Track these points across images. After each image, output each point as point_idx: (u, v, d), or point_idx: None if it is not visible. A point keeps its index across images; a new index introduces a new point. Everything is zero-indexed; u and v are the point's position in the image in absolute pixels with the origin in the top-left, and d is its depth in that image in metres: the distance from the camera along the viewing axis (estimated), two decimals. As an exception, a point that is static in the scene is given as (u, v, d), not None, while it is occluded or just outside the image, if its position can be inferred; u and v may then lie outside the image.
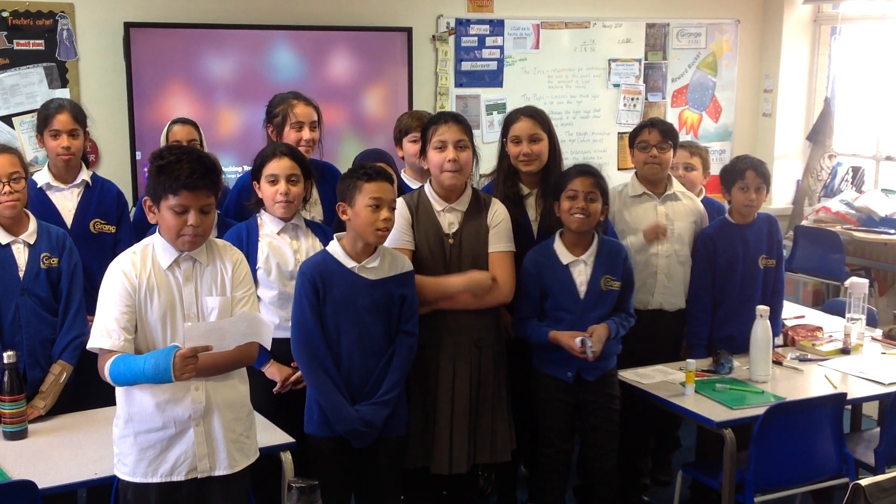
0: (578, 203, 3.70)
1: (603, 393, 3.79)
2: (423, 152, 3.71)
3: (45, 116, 3.97)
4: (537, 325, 3.76)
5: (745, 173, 4.24)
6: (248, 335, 2.76)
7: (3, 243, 3.45)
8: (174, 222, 2.75)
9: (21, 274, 3.45)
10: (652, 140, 4.27)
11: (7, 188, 3.39)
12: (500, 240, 3.69)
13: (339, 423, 3.32)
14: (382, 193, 3.27)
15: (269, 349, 2.90)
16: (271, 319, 3.47)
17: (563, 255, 3.77)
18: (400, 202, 3.62)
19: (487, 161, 4.11)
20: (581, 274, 3.75)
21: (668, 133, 4.31)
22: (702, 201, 4.62)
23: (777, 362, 4.08)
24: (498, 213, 3.71)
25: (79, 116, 3.99)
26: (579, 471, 4.16)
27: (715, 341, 4.29)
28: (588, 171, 3.78)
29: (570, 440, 3.87)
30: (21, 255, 3.47)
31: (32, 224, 3.51)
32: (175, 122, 4.66)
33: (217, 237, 3.61)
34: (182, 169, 2.71)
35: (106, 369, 2.71)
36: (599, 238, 3.81)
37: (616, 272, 3.78)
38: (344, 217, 3.34)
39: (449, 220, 3.64)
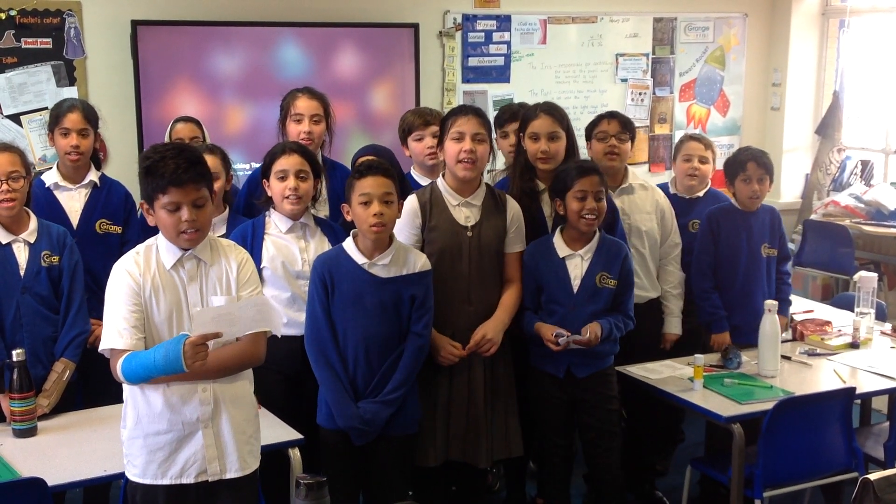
0: (589, 203, 3.65)
1: (597, 392, 3.77)
2: (440, 143, 3.71)
3: (56, 115, 3.97)
4: (531, 316, 3.76)
5: (747, 165, 4.26)
6: (257, 321, 2.74)
7: (4, 242, 3.45)
8: (170, 220, 2.73)
9: (22, 272, 3.46)
10: (611, 130, 4.24)
11: (5, 186, 3.39)
12: (519, 240, 3.73)
13: (340, 418, 3.34)
14: (371, 189, 3.27)
15: (279, 336, 2.88)
16: (280, 310, 3.48)
17: (561, 248, 3.75)
18: (412, 199, 3.63)
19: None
20: (576, 268, 3.73)
21: (627, 124, 4.30)
22: (707, 194, 4.63)
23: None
24: (515, 214, 3.72)
25: (90, 116, 3.99)
26: (587, 458, 4.14)
27: None
28: (594, 169, 3.75)
29: (569, 435, 3.86)
30: (21, 254, 3.47)
31: (33, 223, 3.52)
32: (178, 120, 4.69)
33: (228, 233, 3.65)
34: (166, 166, 2.69)
35: (118, 368, 2.70)
36: (601, 235, 3.79)
37: (613, 270, 3.74)
38: (348, 217, 3.37)
39: (465, 214, 3.64)
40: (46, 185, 3.95)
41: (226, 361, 2.78)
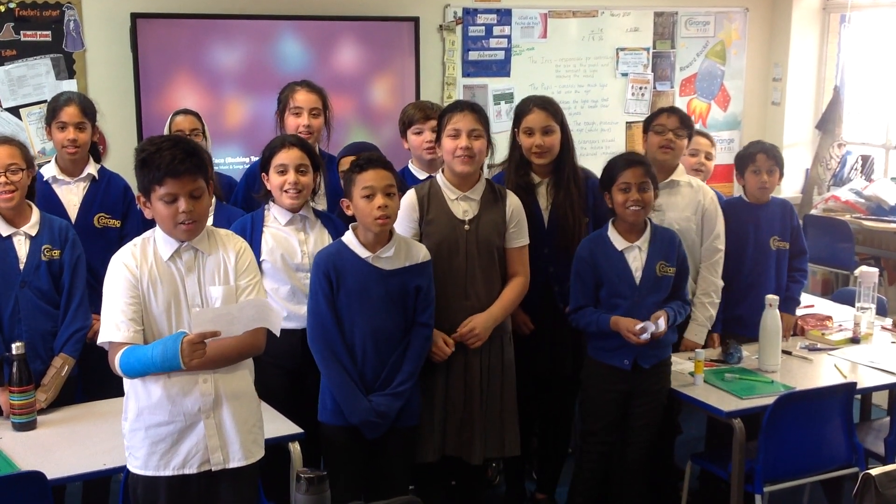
0: (633, 195, 3.66)
1: (656, 382, 3.76)
2: (437, 140, 3.71)
3: (53, 108, 3.96)
4: (594, 312, 3.72)
5: (756, 156, 4.31)
6: (256, 320, 2.74)
7: (4, 235, 3.43)
8: (167, 212, 2.73)
9: (21, 266, 3.44)
10: (670, 125, 4.22)
11: (3, 178, 3.37)
12: (520, 235, 3.71)
13: (352, 414, 3.32)
14: (374, 181, 3.26)
15: (277, 335, 2.88)
16: (278, 311, 3.47)
17: (618, 241, 3.74)
18: (411, 193, 3.62)
19: (498, 151, 4.08)
20: (636, 260, 3.72)
21: (685, 121, 4.28)
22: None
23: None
24: (516, 208, 3.70)
25: (87, 109, 3.97)
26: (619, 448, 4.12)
27: (724, 321, 4.28)
28: (638, 161, 3.76)
29: (617, 431, 3.81)
30: (22, 247, 3.45)
31: (35, 216, 3.50)
32: (177, 112, 4.68)
33: (219, 224, 3.63)
34: (162, 157, 2.69)
35: (116, 362, 2.71)
36: (652, 225, 3.79)
37: (671, 258, 3.75)
38: (349, 212, 3.36)
39: (463, 208, 3.63)
40: (45, 179, 3.93)
41: (225, 351, 2.77)
